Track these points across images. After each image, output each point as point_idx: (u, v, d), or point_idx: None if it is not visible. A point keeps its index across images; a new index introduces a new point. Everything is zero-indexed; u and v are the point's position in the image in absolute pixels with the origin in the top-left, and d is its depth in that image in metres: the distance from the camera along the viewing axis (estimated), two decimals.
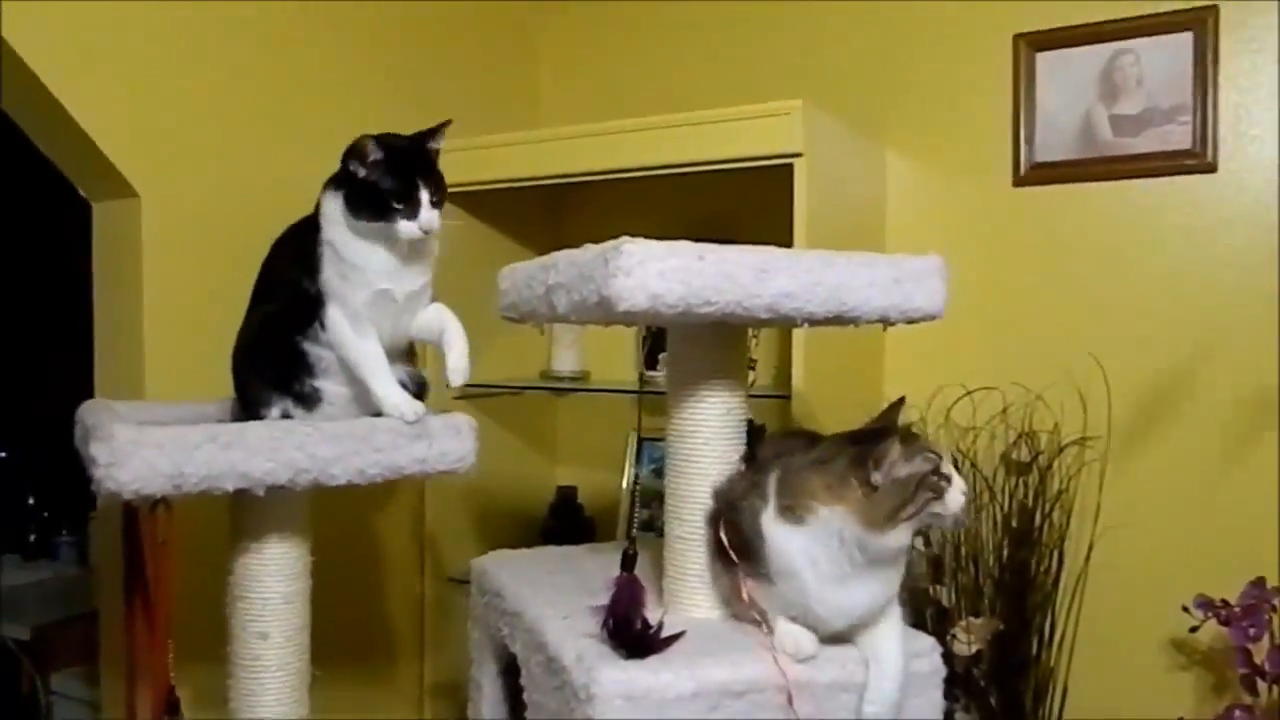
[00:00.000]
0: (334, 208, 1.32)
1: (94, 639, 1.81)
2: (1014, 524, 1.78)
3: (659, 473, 2.19)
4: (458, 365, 1.35)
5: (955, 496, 1.06)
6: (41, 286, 2.87)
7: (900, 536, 1.06)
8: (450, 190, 1.36)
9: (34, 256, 2.90)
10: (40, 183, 1.84)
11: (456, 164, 1.44)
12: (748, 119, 1.70)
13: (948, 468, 1.07)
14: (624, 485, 2.22)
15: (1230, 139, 1.75)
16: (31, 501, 2.93)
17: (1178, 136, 1.79)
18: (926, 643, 1.16)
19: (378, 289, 1.33)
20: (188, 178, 1.69)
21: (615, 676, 1.05)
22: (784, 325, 1.18)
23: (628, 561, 1.18)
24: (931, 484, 1.05)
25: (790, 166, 1.65)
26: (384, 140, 1.32)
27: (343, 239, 1.31)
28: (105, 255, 1.71)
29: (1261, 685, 1.55)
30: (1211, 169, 1.76)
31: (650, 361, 2.08)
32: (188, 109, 1.69)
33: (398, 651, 2.12)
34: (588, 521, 2.23)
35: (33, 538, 2.89)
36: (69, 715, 2.39)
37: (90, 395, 1.64)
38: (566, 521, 2.20)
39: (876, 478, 1.04)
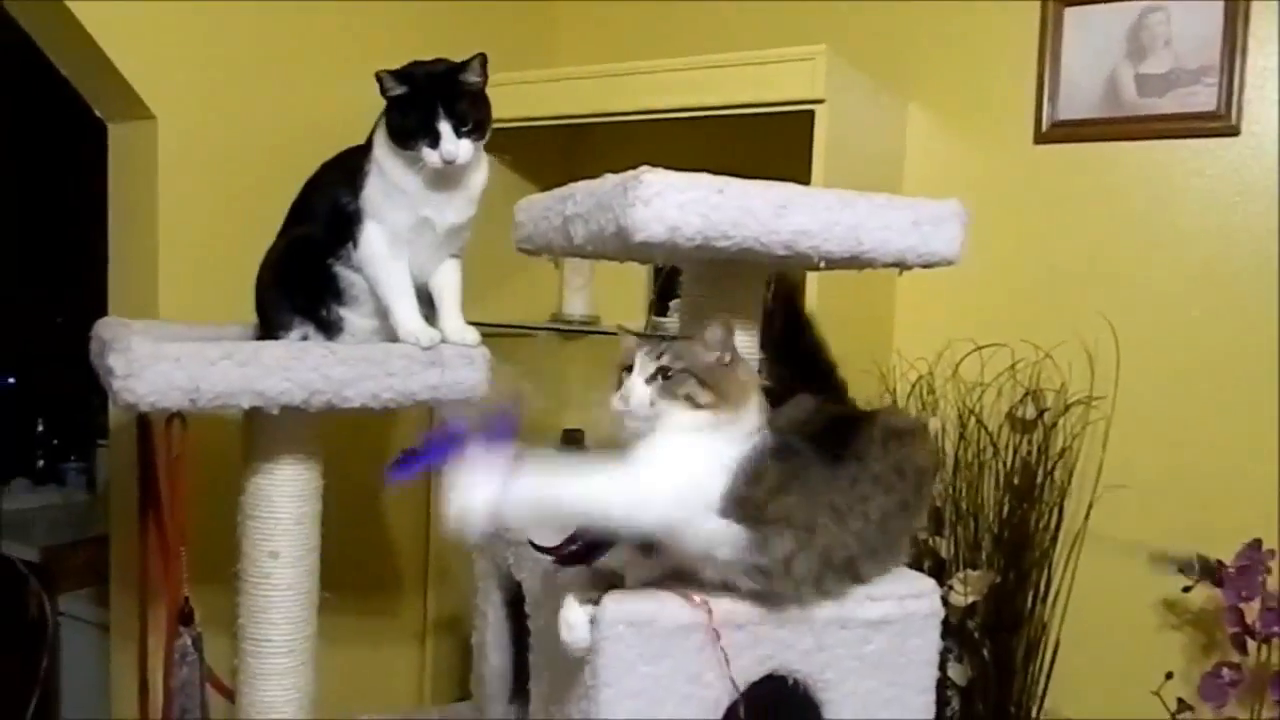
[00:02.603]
0: (383, 131, 1.35)
1: (101, 562, 1.84)
2: (1016, 480, 1.79)
3: None
4: (459, 326, 1.40)
5: None
6: (54, 210, 2.86)
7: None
8: None
9: (46, 179, 2.89)
10: (56, 102, 1.83)
11: None
12: (770, 63, 1.68)
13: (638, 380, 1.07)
14: None
15: (1255, 103, 1.73)
16: (40, 428, 2.96)
17: (1202, 98, 1.77)
18: (927, 584, 1.18)
19: (421, 215, 1.34)
20: (205, 100, 1.68)
21: (619, 604, 1.08)
22: (801, 264, 1.18)
23: None
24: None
25: (811, 114, 1.64)
26: (405, 71, 1.32)
27: (389, 160, 1.33)
28: (120, 178, 1.71)
29: (1251, 645, 1.58)
30: (1234, 132, 1.75)
31: (660, 308, 2.08)
32: (206, 31, 1.68)
33: (402, 585, 2.15)
34: None
35: (41, 463, 2.92)
36: (76, 636, 2.44)
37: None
38: None
39: None
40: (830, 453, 1.13)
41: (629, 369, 1.08)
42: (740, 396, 1.08)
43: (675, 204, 1.02)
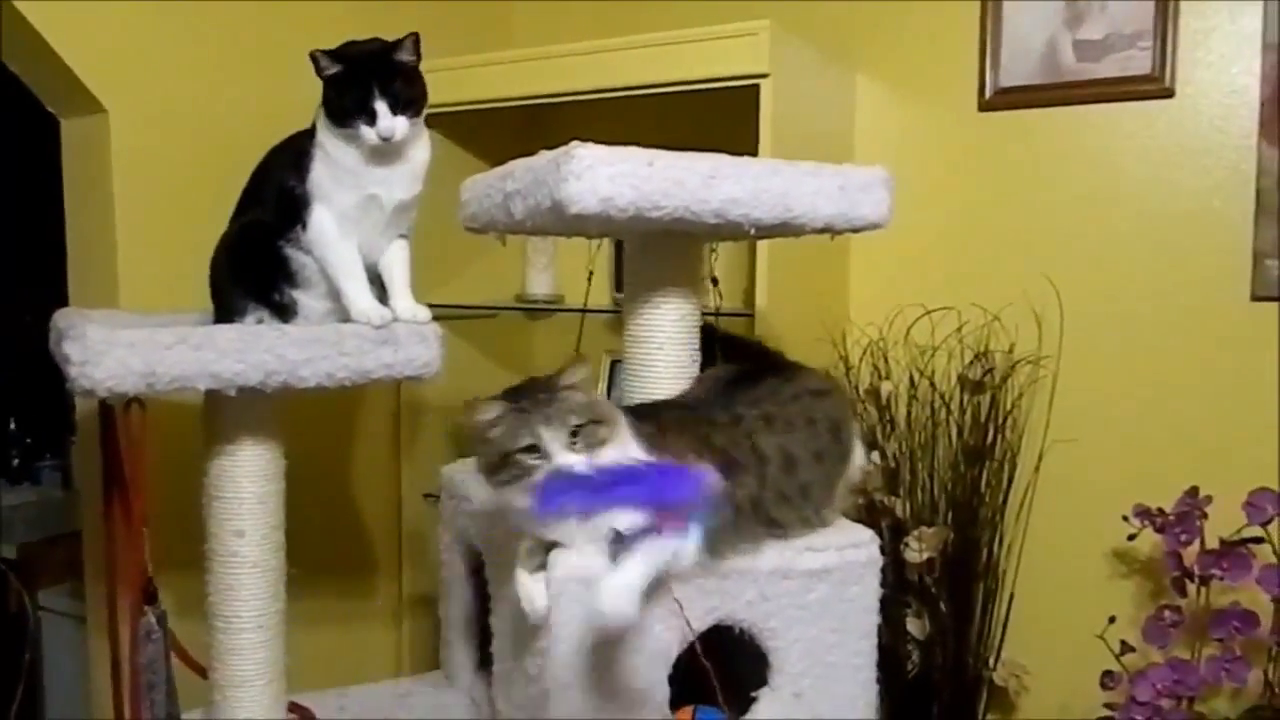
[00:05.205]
0: (324, 111, 1.37)
1: (78, 557, 1.87)
2: (968, 439, 1.84)
3: None
4: (410, 304, 1.41)
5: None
6: (19, 208, 2.85)
7: (505, 495, 1.01)
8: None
9: (9, 177, 2.87)
10: (6, 99, 1.84)
11: (428, 85, 1.45)
12: (714, 39, 1.71)
13: (557, 449, 0.99)
14: None
15: (1188, 64, 1.78)
16: (13, 426, 2.97)
17: (1138, 62, 1.82)
18: (865, 534, 1.23)
19: (368, 193, 1.36)
20: (155, 93, 1.70)
21: (571, 563, 1.12)
22: (732, 233, 1.21)
23: None
24: (516, 462, 1.00)
25: (756, 88, 1.67)
26: (340, 51, 1.35)
27: (331, 140, 1.36)
28: (74, 172, 1.72)
29: (1190, 587, 1.64)
30: (1169, 94, 1.79)
31: (621, 284, 2.12)
32: (154, 23, 1.69)
33: (377, 565, 2.19)
34: None
35: (16, 462, 2.94)
36: (55, 629, 2.47)
37: None
38: None
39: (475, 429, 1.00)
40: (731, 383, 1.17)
41: (527, 448, 1.00)
42: (610, 411, 1.08)
43: (606, 176, 1.05)
